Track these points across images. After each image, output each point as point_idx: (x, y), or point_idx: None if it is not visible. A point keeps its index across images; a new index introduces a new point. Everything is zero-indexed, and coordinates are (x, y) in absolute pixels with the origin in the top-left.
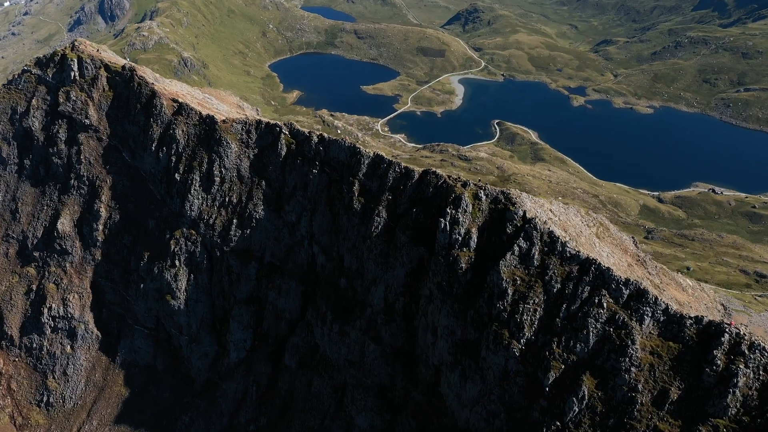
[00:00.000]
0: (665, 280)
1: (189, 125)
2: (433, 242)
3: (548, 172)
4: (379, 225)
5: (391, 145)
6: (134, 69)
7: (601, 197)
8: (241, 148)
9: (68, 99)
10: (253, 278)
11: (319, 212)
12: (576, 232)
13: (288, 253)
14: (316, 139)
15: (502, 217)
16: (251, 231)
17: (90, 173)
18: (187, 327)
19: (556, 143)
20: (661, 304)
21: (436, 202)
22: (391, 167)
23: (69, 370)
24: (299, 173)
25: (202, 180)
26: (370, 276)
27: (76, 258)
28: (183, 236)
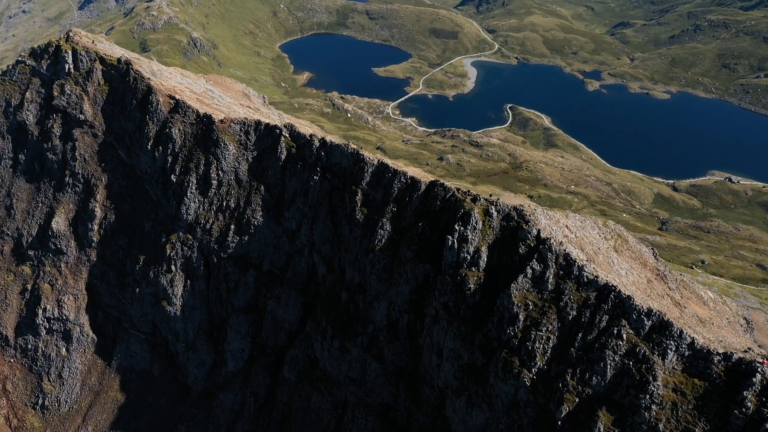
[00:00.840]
0: (686, 294)
1: (186, 124)
2: (440, 259)
3: (561, 158)
4: (383, 238)
5: (402, 129)
6: (130, 63)
7: (615, 185)
8: (239, 150)
9: (62, 93)
10: (252, 286)
11: (320, 221)
12: (593, 250)
13: (288, 262)
14: (318, 143)
15: (514, 236)
16: (249, 237)
17: (85, 171)
18: (184, 334)
19: (570, 129)
20: (686, 337)
21: (444, 217)
22: (396, 177)
23: (64, 373)
24: (299, 179)
25: (199, 183)
26: (373, 291)
27: (71, 258)
28: (179, 241)
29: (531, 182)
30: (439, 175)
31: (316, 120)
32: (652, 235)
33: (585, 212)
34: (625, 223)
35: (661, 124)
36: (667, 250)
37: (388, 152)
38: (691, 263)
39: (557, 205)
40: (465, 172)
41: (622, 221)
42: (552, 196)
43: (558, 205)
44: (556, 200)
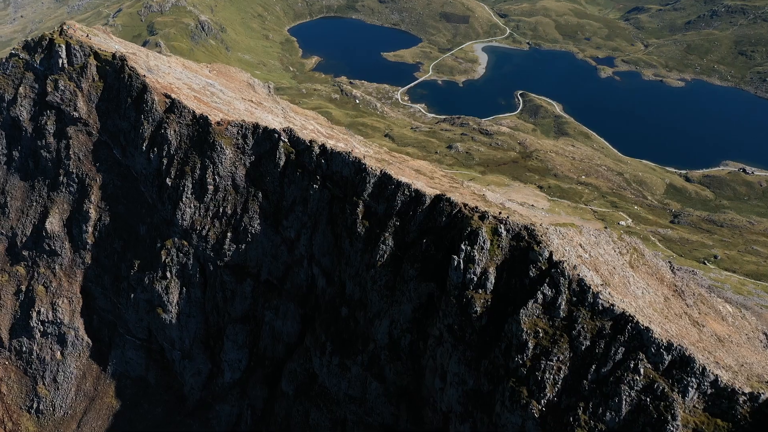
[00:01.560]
0: (704, 309)
1: (181, 125)
2: (445, 279)
3: (572, 147)
4: (385, 254)
5: (411, 115)
6: (125, 59)
7: (626, 175)
8: (236, 155)
9: (56, 88)
10: (249, 296)
11: (320, 231)
12: (608, 270)
13: (286, 272)
14: (318, 150)
15: (524, 257)
16: (246, 246)
17: (79, 170)
18: (180, 342)
19: (581, 117)
20: (709, 375)
21: (450, 234)
22: (400, 189)
23: (59, 378)
24: (298, 187)
25: (195, 187)
26: (374, 308)
27: (65, 260)
28: (174, 247)
29: (541, 172)
30: (448, 164)
31: (324, 106)
32: (664, 228)
33: (595, 203)
34: (636, 215)
35: (675, 113)
36: (679, 244)
37: (397, 139)
38: (703, 258)
39: (567, 196)
40: (474, 161)
41: (633, 213)
42: (562, 187)
43: (568, 196)
44: (566, 191)
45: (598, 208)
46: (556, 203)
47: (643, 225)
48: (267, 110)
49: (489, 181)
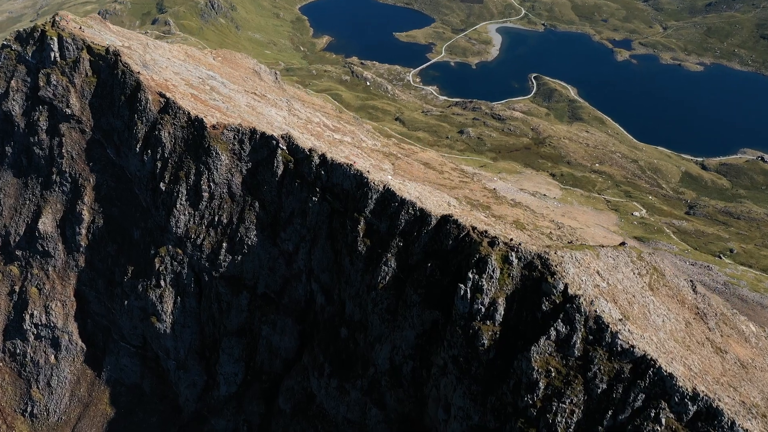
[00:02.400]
0: (726, 331)
1: (176, 127)
2: (451, 306)
3: (586, 133)
4: (387, 276)
5: (422, 98)
6: (118, 54)
7: (641, 162)
8: (232, 161)
9: (48, 83)
10: (245, 309)
11: (319, 246)
12: (627, 300)
13: (284, 286)
14: (318, 160)
15: (537, 289)
16: (243, 257)
17: (72, 169)
18: (174, 351)
19: (596, 101)
20: (738, 430)
21: (456, 259)
22: (404, 207)
23: (53, 382)
24: (297, 198)
25: (189, 194)
26: (375, 332)
27: (58, 262)
28: (168, 255)
29: (554, 159)
30: (459, 150)
31: (334, 88)
32: (679, 220)
33: (609, 193)
34: (650, 205)
35: (693, 98)
36: (694, 237)
37: (407, 123)
38: (719, 252)
39: (580, 185)
40: (486, 147)
41: (647, 204)
42: (575, 175)
43: (581, 184)
44: (579, 179)
45: (611, 198)
46: (569, 192)
47: (657, 216)
48: (271, 103)
49: (500, 168)
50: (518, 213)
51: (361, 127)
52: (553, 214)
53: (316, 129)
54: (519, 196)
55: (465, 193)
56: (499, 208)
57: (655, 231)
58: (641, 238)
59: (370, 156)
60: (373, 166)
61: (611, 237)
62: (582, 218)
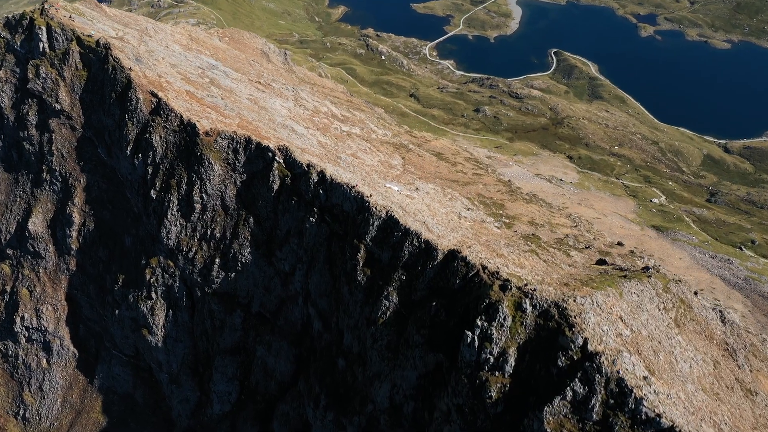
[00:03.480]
0: (756, 364)
1: (168, 131)
2: (456, 349)
3: (605, 113)
4: (388, 311)
5: (438, 72)
6: (109, 47)
7: (661, 144)
8: (226, 171)
9: (37, 75)
10: (239, 328)
11: (317, 269)
12: (653, 348)
13: (280, 307)
14: (316, 177)
15: (552, 341)
16: (236, 274)
17: (63, 168)
18: (167, 365)
19: (618, 79)
20: None
21: (464, 300)
22: (408, 238)
23: (45, 387)
24: (294, 217)
25: (181, 204)
26: (374, 368)
27: (49, 264)
28: (159, 266)
29: (572, 141)
30: (475, 129)
31: (348, 62)
32: (699, 208)
33: (627, 177)
34: (670, 192)
35: (718, 77)
36: (715, 226)
37: (422, 100)
38: (740, 243)
39: (598, 169)
40: (502, 126)
41: (667, 190)
42: (593, 158)
43: (599, 168)
44: (597, 163)
45: (630, 183)
46: (586, 176)
47: (677, 203)
48: (276, 93)
49: (516, 149)
50: (533, 211)
51: (373, 112)
52: (569, 203)
53: (323, 121)
54: (534, 182)
55: (478, 189)
56: (514, 206)
57: (675, 219)
58: (660, 227)
59: (379, 150)
60: (382, 163)
61: (629, 227)
62: (599, 205)
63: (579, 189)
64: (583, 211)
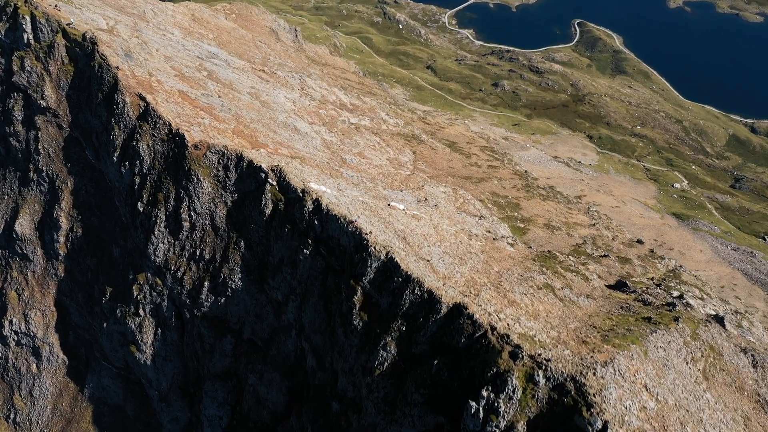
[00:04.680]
0: None
1: (156, 139)
2: (459, 413)
3: (629, 89)
4: (385, 362)
5: (457, 42)
6: (96, 42)
7: (685, 123)
8: (216, 189)
9: (22, 68)
10: (229, 354)
11: (311, 304)
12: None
13: (272, 336)
14: (311, 205)
15: (567, 419)
16: (226, 299)
17: (49, 169)
18: (156, 382)
19: (643, 53)
20: None
21: (470, 363)
22: (409, 286)
23: (35, 392)
24: (287, 246)
25: (169, 220)
26: (370, 418)
27: (38, 267)
28: (147, 283)
29: (593, 119)
30: (492, 105)
31: (365, 30)
32: (723, 194)
33: (649, 160)
34: (693, 176)
35: (749, 52)
36: (738, 215)
37: (439, 73)
38: (764, 233)
39: (619, 150)
40: (520, 102)
41: (690, 174)
42: (614, 138)
43: (620, 149)
44: (618, 143)
45: (651, 166)
46: (606, 157)
47: (699, 188)
48: (281, 83)
49: (535, 128)
50: (550, 209)
51: (385, 95)
52: (587, 190)
53: (330, 113)
54: (552, 167)
55: (492, 187)
56: (530, 205)
57: (696, 206)
58: (680, 215)
59: (389, 145)
60: (391, 161)
61: (648, 216)
62: (619, 191)
63: (598, 172)
64: (601, 199)
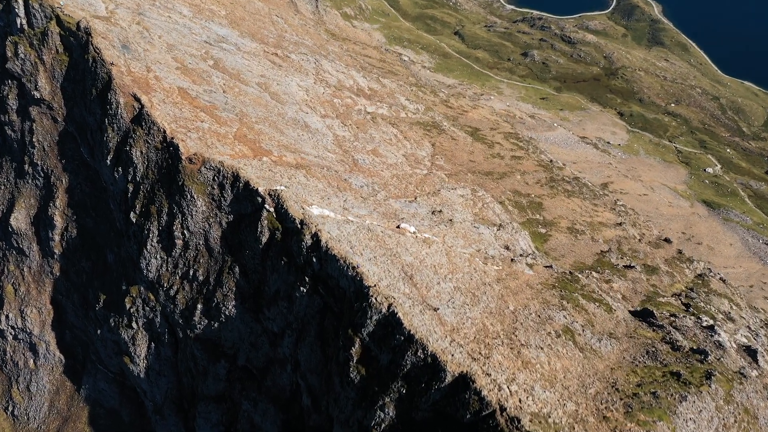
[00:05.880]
0: None
1: (150, 146)
2: None
3: (665, 63)
4: (383, 423)
5: (487, 6)
6: (90, 33)
7: (722, 100)
8: (210, 209)
9: (16, 55)
10: (223, 379)
11: (307, 343)
12: None
13: (268, 366)
14: (309, 240)
15: None
16: (220, 325)
17: (44, 163)
18: (150, 394)
19: (682, 22)
20: None
21: None
22: (411, 347)
23: (32, 387)
24: (283, 279)
25: (161, 235)
26: None
27: (34, 263)
28: (140, 297)
29: (625, 95)
30: (520, 76)
31: None
32: (757, 181)
33: (681, 141)
34: (727, 160)
35: None
36: None
37: (467, 40)
38: None
39: (650, 129)
40: (550, 74)
41: (724, 158)
42: (646, 117)
43: (652, 128)
44: (649, 122)
45: (683, 147)
46: (636, 137)
47: (733, 173)
48: (295, 67)
49: (563, 102)
50: (575, 208)
51: (407, 73)
52: (614, 176)
53: (345, 101)
54: (579, 150)
55: (515, 183)
56: (553, 204)
57: (728, 194)
58: (711, 202)
59: (407, 138)
60: (407, 157)
61: (677, 204)
62: (648, 176)
63: (627, 154)
64: (629, 186)
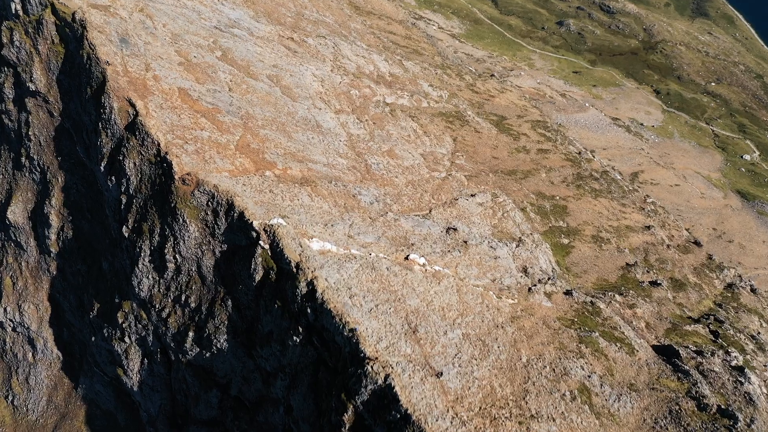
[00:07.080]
0: None
1: (143, 159)
2: None
3: (708, 36)
4: None
5: None
6: (85, 25)
7: (766, 79)
8: (204, 235)
9: (12, 41)
10: (215, 406)
11: (300, 392)
12: None
13: (260, 401)
14: (305, 288)
15: None
16: (212, 355)
17: (40, 158)
18: (144, 406)
19: None
20: None
21: None
22: (408, 427)
23: (31, 380)
24: (276, 324)
25: (153, 255)
26: None
27: (31, 259)
28: (132, 313)
29: (663, 71)
30: (554, 46)
31: None
32: None
33: (719, 123)
34: (766, 147)
35: None
36: None
37: (500, 5)
38: None
39: (687, 109)
40: (585, 45)
41: (763, 144)
42: (683, 96)
43: (688, 109)
44: (687, 102)
45: (720, 131)
46: (672, 117)
47: None
48: (311, 54)
49: (597, 78)
50: (601, 210)
51: (433, 51)
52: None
53: (363, 91)
54: (611, 134)
55: (539, 184)
56: (578, 207)
57: (765, 183)
58: (746, 193)
59: (426, 133)
60: (425, 157)
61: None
62: (681, 162)
63: (661, 137)
64: (661, 175)
